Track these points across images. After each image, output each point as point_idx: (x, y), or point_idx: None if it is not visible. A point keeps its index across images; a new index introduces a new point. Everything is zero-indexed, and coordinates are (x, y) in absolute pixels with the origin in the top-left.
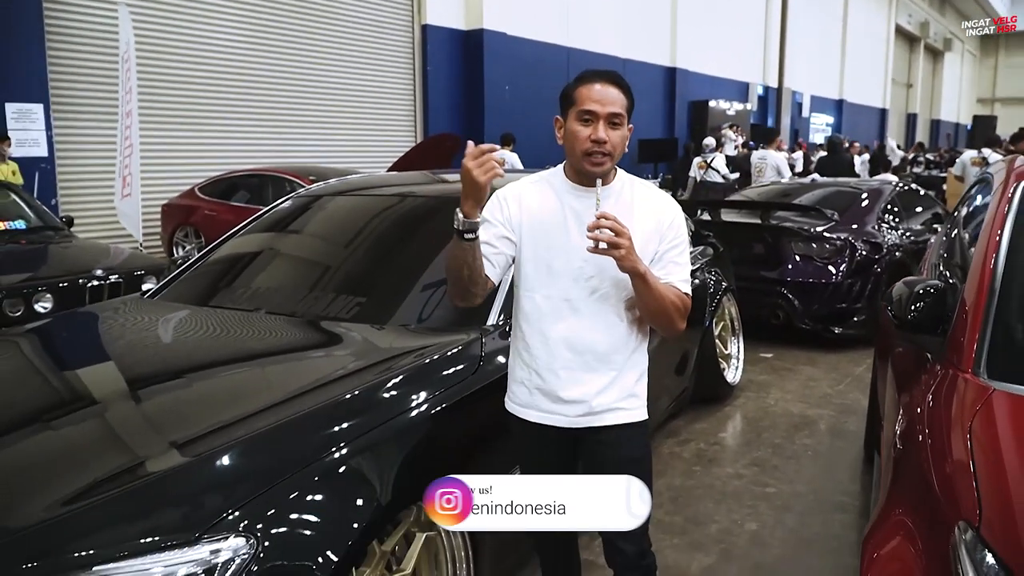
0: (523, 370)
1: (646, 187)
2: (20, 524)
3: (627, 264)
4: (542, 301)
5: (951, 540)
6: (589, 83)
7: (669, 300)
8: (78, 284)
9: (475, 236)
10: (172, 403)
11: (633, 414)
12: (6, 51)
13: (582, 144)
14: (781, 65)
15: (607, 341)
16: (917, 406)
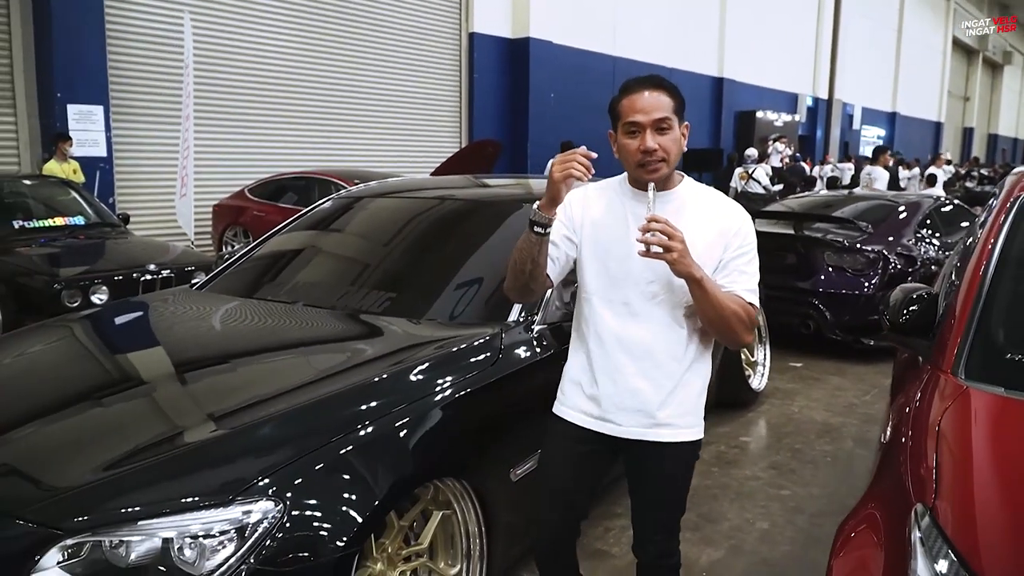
0: (579, 373)
1: (713, 194)
2: (72, 483)
3: (680, 268)
4: (600, 305)
5: (907, 522)
6: (630, 94)
7: (730, 309)
8: (132, 278)
9: (545, 231)
10: (214, 383)
11: (687, 433)
12: (70, 54)
13: (633, 156)
14: (832, 76)
15: (666, 349)
16: (904, 407)
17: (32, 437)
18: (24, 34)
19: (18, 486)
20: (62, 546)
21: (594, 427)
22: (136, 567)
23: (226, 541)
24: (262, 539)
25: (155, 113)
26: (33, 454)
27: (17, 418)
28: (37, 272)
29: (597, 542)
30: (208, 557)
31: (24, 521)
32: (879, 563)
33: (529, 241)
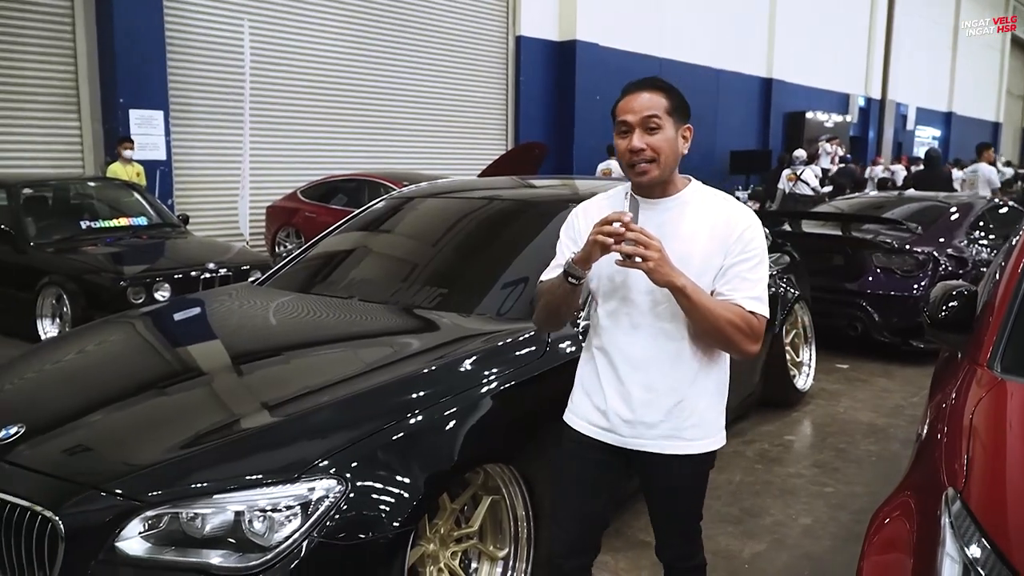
0: (588, 382)
1: (718, 199)
2: (151, 461)
3: (658, 277)
4: (605, 316)
5: (939, 507)
6: (623, 96)
7: (723, 318)
8: (192, 276)
9: (579, 282)
10: (276, 372)
11: (694, 445)
12: (133, 62)
13: (624, 157)
14: (885, 76)
15: (669, 359)
16: (941, 400)
17: (109, 421)
18: (88, 42)
19: (102, 463)
20: (143, 517)
21: (602, 438)
22: (210, 538)
23: (292, 516)
24: (325, 515)
25: (212, 117)
26: (111, 435)
27: (93, 404)
28: (104, 270)
29: (640, 533)
30: (276, 530)
31: (110, 493)
32: (911, 546)
33: (564, 290)
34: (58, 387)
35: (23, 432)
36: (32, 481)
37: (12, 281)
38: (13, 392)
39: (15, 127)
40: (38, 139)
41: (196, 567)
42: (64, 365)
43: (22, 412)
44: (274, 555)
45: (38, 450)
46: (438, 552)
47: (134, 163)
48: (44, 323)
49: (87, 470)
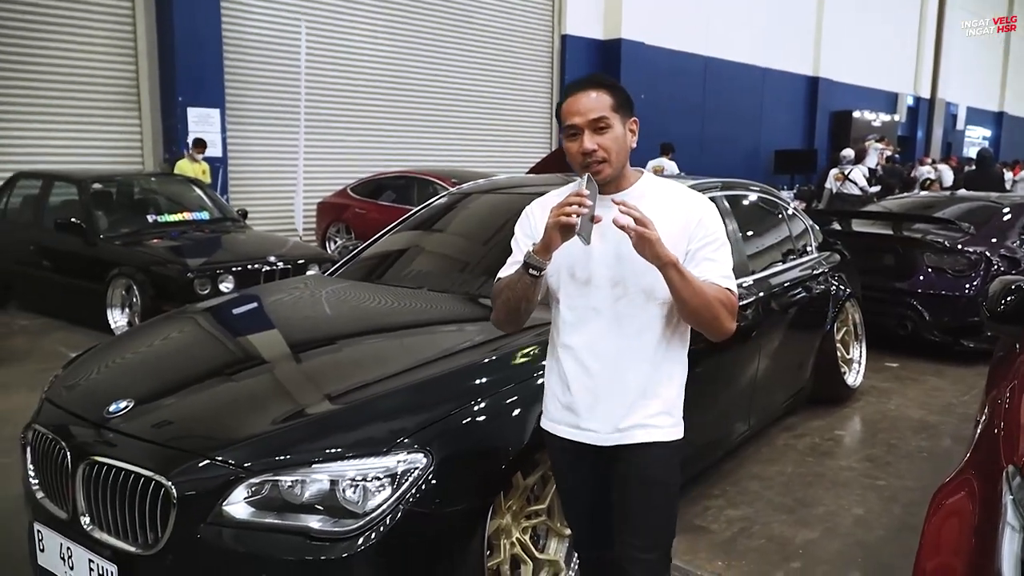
0: (556, 383)
1: (672, 188)
2: (252, 433)
3: (659, 249)
4: (567, 312)
5: (999, 484)
6: (567, 96)
7: (712, 294)
8: (253, 268)
9: (540, 274)
10: (362, 353)
11: (664, 432)
12: (191, 61)
13: (576, 159)
14: (935, 75)
15: (636, 352)
16: (1000, 387)
17: (211, 397)
18: (149, 42)
19: (209, 434)
20: (248, 484)
21: (574, 437)
22: (307, 505)
23: (382, 486)
24: (413, 486)
25: (266, 116)
26: (215, 410)
27: (193, 382)
28: (171, 262)
29: (696, 519)
30: (368, 499)
31: (218, 462)
32: (971, 524)
33: (524, 283)
34: (160, 366)
35: (132, 406)
36: (145, 450)
37: (83, 272)
38: (116, 371)
39: (79, 125)
40: (100, 136)
41: (298, 530)
42: (163, 347)
43: (129, 389)
44: (366, 521)
45: (148, 422)
46: (511, 527)
47: (201, 161)
48: (114, 313)
49: (196, 441)
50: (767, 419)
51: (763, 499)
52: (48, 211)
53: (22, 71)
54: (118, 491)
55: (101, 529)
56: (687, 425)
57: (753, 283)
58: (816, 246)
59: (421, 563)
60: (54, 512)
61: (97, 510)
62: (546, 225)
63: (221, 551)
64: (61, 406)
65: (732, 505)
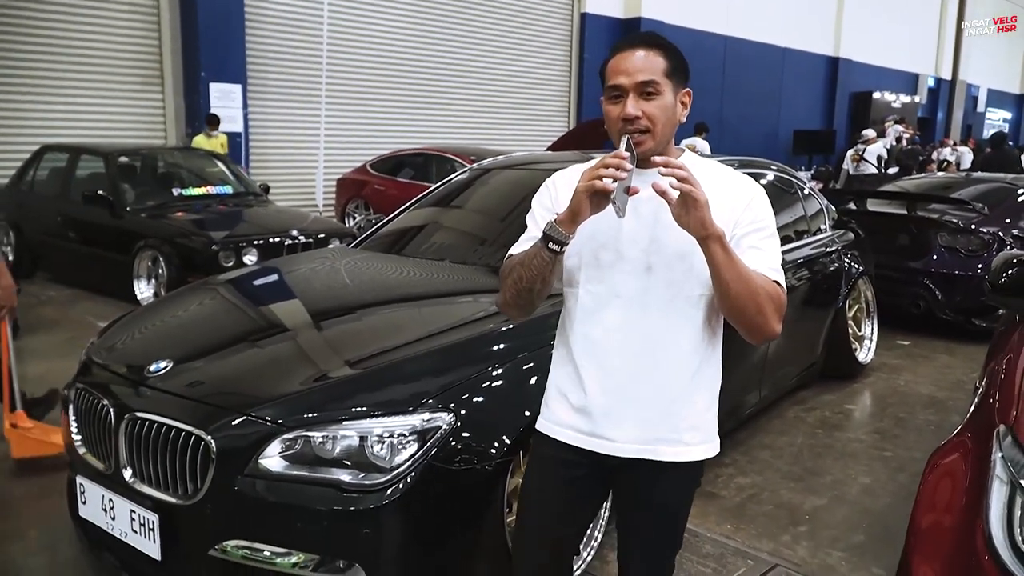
0: (566, 381)
1: (717, 169)
2: (286, 391)
3: (706, 220)
4: (588, 298)
5: (991, 443)
6: (615, 53)
7: (761, 286)
8: (276, 242)
9: (561, 250)
10: (389, 319)
11: (692, 451)
12: (214, 37)
13: (615, 125)
14: (956, 56)
15: (667, 347)
16: (998, 355)
17: (246, 358)
18: (172, 19)
19: (246, 392)
20: (282, 439)
21: (584, 445)
22: (337, 459)
23: (409, 442)
24: (438, 443)
25: (286, 92)
26: (250, 370)
27: (230, 342)
28: (195, 234)
29: (707, 485)
30: (396, 454)
31: (255, 418)
32: (964, 483)
33: (541, 259)
34: (198, 329)
35: (171, 366)
36: (185, 407)
37: (110, 244)
38: (154, 333)
39: (103, 100)
40: (124, 111)
41: (329, 482)
42: (199, 311)
43: (167, 349)
44: (394, 476)
45: (188, 381)
46: None
47: (218, 134)
48: (140, 284)
49: (233, 398)
50: (778, 392)
51: (773, 468)
52: (75, 184)
53: (48, 47)
54: (159, 445)
55: (142, 481)
56: None
57: None
58: (830, 225)
59: (444, 516)
60: (96, 465)
61: (138, 463)
62: (575, 190)
63: (257, 501)
64: (103, 365)
65: (742, 473)
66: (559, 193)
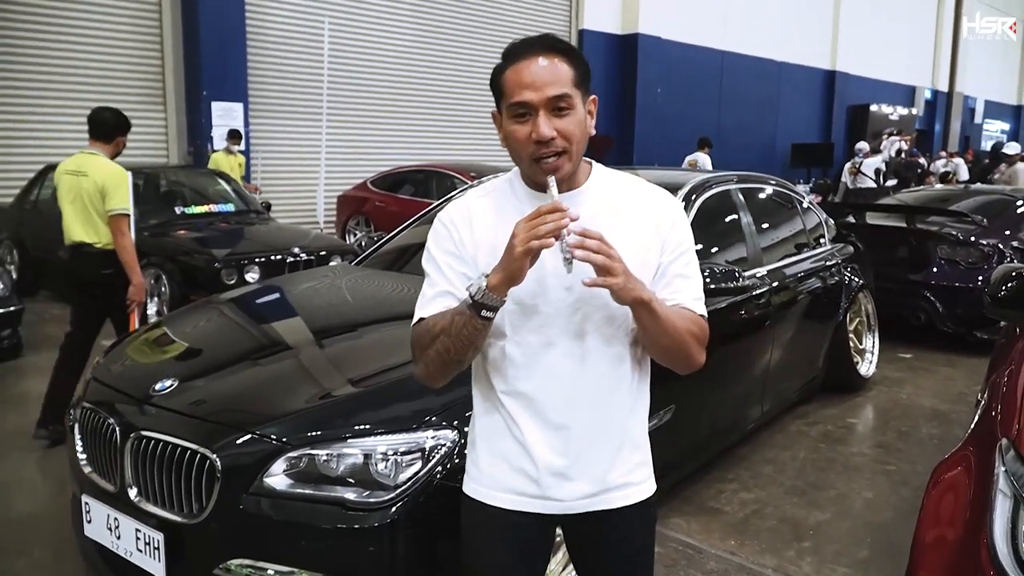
0: (499, 441)
1: (635, 184)
2: (290, 409)
3: (626, 294)
4: (515, 349)
5: (994, 457)
6: (517, 61)
7: (685, 329)
8: (278, 259)
9: (492, 316)
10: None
11: (643, 489)
12: (216, 56)
13: (525, 148)
14: (953, 68)
15: (607, 392)
16: (999, 367)
17: (250, 376)
18: (174, 38)
19: (251, 411)
20: (287, 457)
21: (534, 509)
22: (342, 477)
23: (413, 460)
24: (442, 460)
25: (287, 110)
26: (255, 388)
27: (234, 362)
28: (198, 252)
29: (710, 501)
30: (400, 472)
31: (260, 436)
32: (967, 496)
33: (472, 328)
34: (203, 347)
35: (176, 385)
36: (191, 425)
37: None
38: (159, 354)
39: None
40: None
41: (334, 500)
42: (205, 329)
43: (173, 368)
44: (398, 493)
45: (193, 399)
46: None
47: (237, 154)
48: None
49: (238, 417)
50: (780, 406)
51: (776, 483)
52: None
53: (54, 67)
54: (165, 464)
55: (148, 500)
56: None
57: (766, 274)
58: (829, 238)
59: (449, 534)
60: (102, 485)
61: (144, 482)
62: (512, 251)
63: (262, 520)
64: (109, 385)
65: (745, 488)
66: (462, 234)
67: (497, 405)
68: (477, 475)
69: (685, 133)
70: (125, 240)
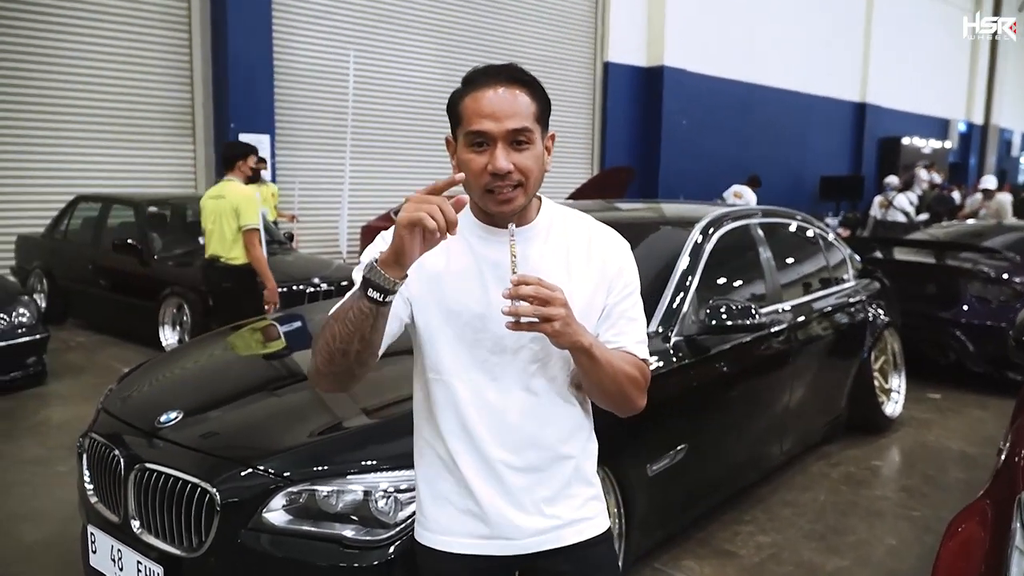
0: (444, 484)
1: (582, 220)
2: (291, 444)
3: (564, 340)
4: (461, 386)
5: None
6: (476, 90)
7: (624, 374)
8: (298, 290)
9: (384, 300)
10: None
11: (597, 524)
12: (244, 90)
13: (479, 179)
14: (988, 100)
15: (555, 431)
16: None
17: (253, 410)
18: (204, 72)
19: (252, 444)
20: (286, 493)
21: (488, 551)
22: (341, 514)
23: (413, 498)
24: None
25: (313, 141)
26: (257, 422)
27: (235, 396)
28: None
29: (726, 544)
30: (399, 509)
31: (260, 470)
32: (983, 550)
33: (359, 311)
34: (210, 379)
35: (182, 417)
36: (192, 458)
37: (137, 291)
38: (168, 383)
39: (138, 150)
40: (157, 161)
41: (332, 537)
42: (213, 361)
43: (179, 400)
44: (397, 532)
45: (196, 432)
46: None
47: (269, 183)
48: (165, 330)
49: (240, 450)
50: (800, 446)
51: (795, 526)
52: (106, 232)
53: (87, 100)
54: (166, 496)
55: (150, 532)
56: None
57: (786, 310)
58: (853, 274)
59: None
60: (107, 516)
61: (146, 514)
62: (397, 223)
63: (260, 555)
64: (116, 415)
65: (762, 531)
66: None
67: (436, 446)
68: (424, 521)
69: (712, 166)
70: (256, 251)
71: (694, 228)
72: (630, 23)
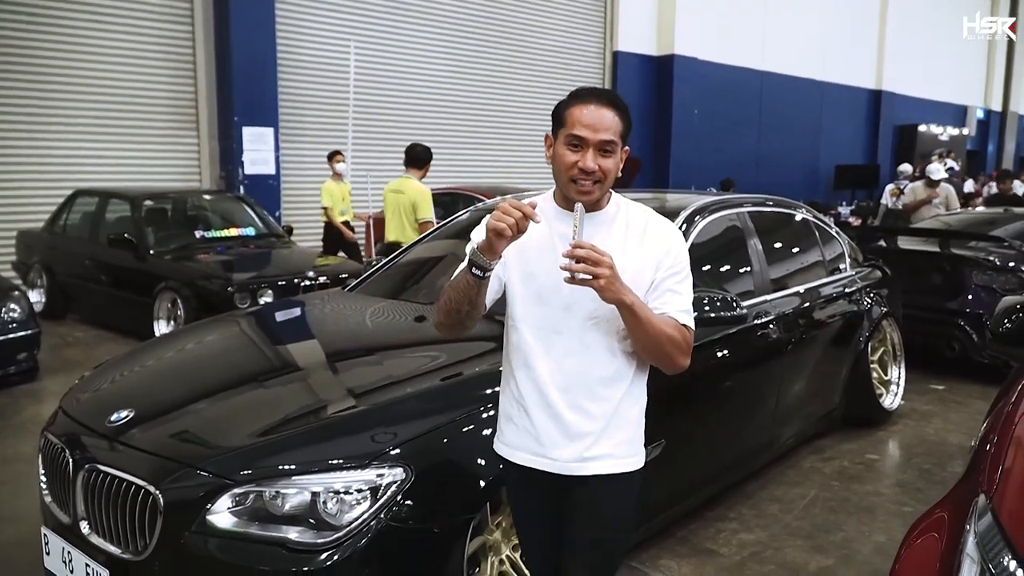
0: (512, 408)
1: (644, 213)
2: (239, 444)
3: (609, 295)
4: (529, 333)
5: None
6: (582, 104)
7: (665, 334)
8: (294, 283)
9: (484, 275)
10: (358, 369)
11: (624, 463)
12: (248, 82)
13: (569, 170)
14: (1007, 86)
15: (600, 377)
16: (995, 411)
17: (209, 408)
18: (207, 65)
19: (198, 445)
20: (232, 494)
21: (532, 464)
22: (289, 515)
23: (362, 499)
24: (392, 499)
25: (317, 134)
26: (209, 421)
27: (196, 393)
28: (214, 276)
29: (707, 541)
30: (347, 511)
31: (204, 472)
32: (938, 551)
33: (467, 282)
34: (166, 378)
35: (133, 416)
36: (138, 459)
37: (133, 286)
38: (126, 381)
39: (142, 144)
40: (161, 155)
41: (276, 540)
42: (173, 358)
43: (133, 399)
44: (344, 533)
45: (145, 432)
46: (500, 544)
47: (346, 182)
48: (160, 324)
49: (185, 451)
50: (791, 440)
51: (780, 523)
52: (103, 227)
53: (91, 93)
54: (112, 498)
55: (98, 534)
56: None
57: (774, 302)
58: (851, 264)
59: None
60: (59, 517)
61: (95, 516)
62: (486, 226)
63: (204, 559)
64: (70, 415)
65: (747, 528)
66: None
67: (513, 377)
68: (500, 435)
69: (723, 155)
70: None
71: (676, 218)
72: (640, 11)
